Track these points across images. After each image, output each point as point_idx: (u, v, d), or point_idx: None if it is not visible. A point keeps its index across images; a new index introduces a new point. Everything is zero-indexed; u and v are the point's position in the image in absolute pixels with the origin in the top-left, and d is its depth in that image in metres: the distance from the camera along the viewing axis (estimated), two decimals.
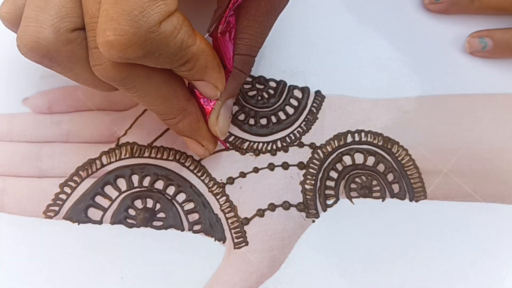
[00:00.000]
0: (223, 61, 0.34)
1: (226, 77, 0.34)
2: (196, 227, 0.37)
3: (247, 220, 0.38)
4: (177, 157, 0.39)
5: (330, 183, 0.39)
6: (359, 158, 0.39)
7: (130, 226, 0.37)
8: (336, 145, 0.40)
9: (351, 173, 0.39)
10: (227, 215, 0.38)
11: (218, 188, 0.38)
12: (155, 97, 0.33)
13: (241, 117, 0.40)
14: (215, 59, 0.33)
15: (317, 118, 0.40)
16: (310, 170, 0.39)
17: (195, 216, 0.37)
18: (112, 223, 0.37)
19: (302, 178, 0.39)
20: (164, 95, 0.33)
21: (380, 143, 0.40)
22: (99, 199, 0.38)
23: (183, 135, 0.36)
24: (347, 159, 0.39)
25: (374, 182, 0.39)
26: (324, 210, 0.38)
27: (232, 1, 0.32)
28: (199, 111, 0.35)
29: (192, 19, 0.31)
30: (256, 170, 0.39)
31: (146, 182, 0.38)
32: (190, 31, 0.30)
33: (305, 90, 0.41)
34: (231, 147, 0.39)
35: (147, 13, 0.27)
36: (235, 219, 0.37)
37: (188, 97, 0.34)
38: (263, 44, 0.35)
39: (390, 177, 0.39)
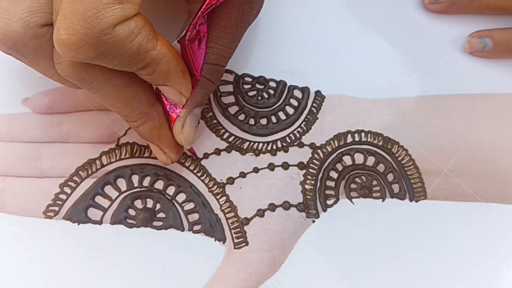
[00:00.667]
0: (190, 69, 0.34)
1: (194, 85, 0.34)
2: (196, 227, 0.37)
3: (247, 220, 0.38)
4: None
5: (330, 183, 0.39)
6: (359, 158, 0.39)
7: (130, 226, 0.37)
8: (336, 145, 0.40)
9: (351, 173, 0.39)
10: (227, 215, 0.38)
11: (218, 188, 0.38)
12: (115, 100, 0.33)
13: (241, 117, 0.40)
14: (179, 65, 0.33)
15: (317, 118, 0.40)
16: (310, 170, 0.39)
17: (195, 216, 0.37)
18: (112, 223, 0.37)
19: (302, 178, 0.39)
20: (125, 98, 0.33)
21: (380, 143, 0.40)
22: (99, 199, 0.38)
23: (144, 139, 0.36)
24: (347, 159, 0.39)
25: (374, 182, 0.39)
26: (324, 210, 0.38)
27: (201, 10, 0.32)
28: (162, 117, 0.35)
29: (164, 26, 0.32)
30: (256, 170, 0.39)
31: (146, 182, 0.38)
32: (150, 35, 0.30)
33: (305, 90, 0.41)
34: (200, 157, 0.39)
35: (101, 15, 0.27)
36: (235, 219, 0.38)
37: (152, 102, 0.34)
38: (233, 52, 0.36)
39: (390, 177, 0.39)
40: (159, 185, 0.38)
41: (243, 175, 0.39)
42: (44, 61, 0.32)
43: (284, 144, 0.40)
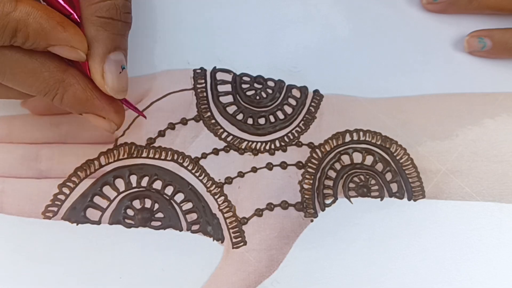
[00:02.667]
0: (62, 10, 0.31)
1: (82, 29, 0.32)
2: (195, 227, 0.37)
3: (246, 220, 0.37)
4: (175, 157, 0.39)
5: (329, 183, 0.39)
6: (357, 157, 0.39)
7: (129, 226, 0.37)
8: (335, 144, 0.40)
9: (349, 172, 0.39)
10: (225, 214, 0.38)
11: (217, 188, 0.38)
12: (24, 75, 0.31)
13: (240, 116, 0.40)
14: (53, 19, 0.30)
15: (315, 118, 0.40)
16: (309, 169, 0.39)
17: (193, 216, 0.37)
18: (111, 223, 0.37)
19: (300, 178, 0.39)
20: (31, 70, 0.31)
21: (378, 142, 0.40)
22: (97, 200, 0.38)
23: (77, 112, 0.34)
24: (345, 159, 0.39)
25: (373, 181, 0.39)
26: (323, 210, 0.38)
27: None
28: (83, 79, 0.33)
29: None
30: (254, 169, 0.39)
31: (144, 182, 0.38)
32: None
33: (303, 90, 0.41)
34: (141, 111, 0.37)
35: None
36: (234, 218, 0.37)
37: (64, 67, 0.32)
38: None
39: (388, 176, 0.39)
40: (157, 185, 0.38)
41: (241, 174, 0.39)
42: None
43: (283, 144, 0.40)
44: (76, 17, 0.32)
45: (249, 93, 0.41)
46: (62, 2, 0.31)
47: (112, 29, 0.32)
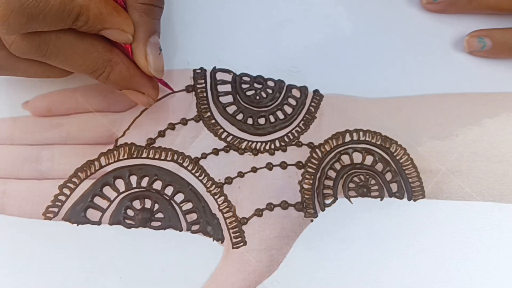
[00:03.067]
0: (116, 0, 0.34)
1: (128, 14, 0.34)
2: (195, 227, 0.37)
3: (246, 220, 0.37)
4: (175, 157, 0.39)
5: (329, 183, 0.39)
6: (357, 157, 0.39)
7: (129, 226, 0.37)
8: (335, 144, 0.40)
9: (349, 172, 0.39)
10: (225, 215, 0.38)
11: (216, 188, 0.38)
12: (75, 56, 0.33)
13: (240, 116, 0.40)
14: (109, 4, 0.33)
15: (315, 118, 0.40)
16: (309, 169, 0.39)
17: (193, 216, 0.37)
18: (111, 223, 0.37)
19: (300, 178, 0.39)
20: (83, 51, 0.34)
21: (378, 142, 0.40)
22: (97, 200, 0.38)
23: (121, 88, 0.36)
24: (345, 158, 0.39)
25: (372, 181, 0.39)
26: (323, 210, 0.38)
27: None
28: (126, 59, 0.36)
29: None
30: (254, 169, 0.39)
31: (144, 182, 0.38)
32: None
33: (303, 90, 0.41)
34: (174, 89, 0.40)
35: None
36: (233, 219, 0.37)
37: (109, 48, 0.35)
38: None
39: (388, 176, 0.39)
40: (157, 185, 0.38)
41: (241, 174, 0.39)
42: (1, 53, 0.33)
43: (282, 144, 0.40)
44: (123, 3, 0.35)
45: (249, 93, 0.41)
46: None
47: (152, 15, 0.35)
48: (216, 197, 0.38)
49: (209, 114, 0.40)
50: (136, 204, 0.38)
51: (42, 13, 0.30)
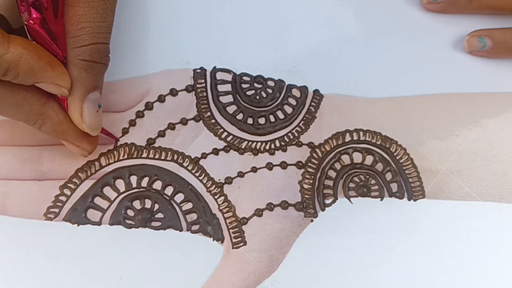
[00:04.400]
0: (52, 50, 0.32)
1: (66, 65, 0.33)
2: (195, 227, 0.37)
3: (246, 220, 0.38)
4: (175, 157, 0.39)
5: (329, 183, 0.39)
6: (357, 157, 0.39)
7: (129, 226, 0.37)
8: (335, 144, 0.40)
9: (349, 172, 0.39)
10: (225, 215, 0.38)
11: (216, 188, 0.38)
12: (6, 107, 0.33)
13: (240, 116, 0.40)
14: (42, 59, 0.32)
15: (315, 117, 0.40)
16: (309, 169, 0.39)
17: (193, 216, 0.38)
18: (111, 224, 0.37)
19: (300, 178, 0.39)
20: (14, 104, 0.33)
21: (378, 142, 0.40)
22: (98, 200, 0.38)
23: (52, 137, 0.36)
24: (345, 158, 0.39)
25: (373, 181, 0.39)
26: (323, 210, 0.38)
27: None
28: (60, 112, 0.35)
29: None
30: (254, 169, 0.39)
31: (145, 182, 0.38)
32: None
33: (303, 90, 0.41)
34: (118, 137, 0.39)
35: None
36: (233, 219, 0.38)
37: (44, 101, 0.34)
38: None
39: (388, 176, 0.39)
40: (157, 185, 0.38)
41: (241, 174, 0.39)
42: None
43: (283, 144, 0.40)
44: (62, 57, 0.33)
45: (249, 92, 0.41)
46: (52, 44, 0.32)
47: (93, 71, 0.34)
48: (216, 197, 0.38)
49: (209, 113, 0.40)
50: (136, 204, 0.38)
51: None
